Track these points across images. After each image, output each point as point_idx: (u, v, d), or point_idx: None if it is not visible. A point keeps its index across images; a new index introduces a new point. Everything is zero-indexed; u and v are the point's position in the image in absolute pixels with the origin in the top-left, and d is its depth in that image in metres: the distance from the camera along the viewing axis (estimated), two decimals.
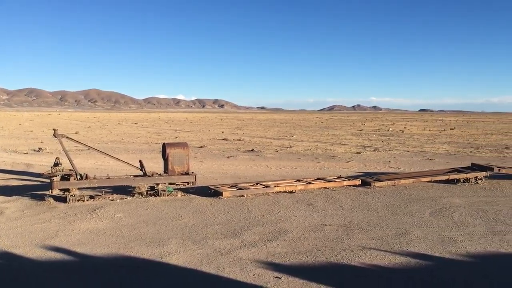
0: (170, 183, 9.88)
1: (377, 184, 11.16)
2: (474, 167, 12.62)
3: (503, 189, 11.04)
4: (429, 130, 44.34)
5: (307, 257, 5.98)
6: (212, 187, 10.22)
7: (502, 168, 12.50)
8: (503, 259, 6.02)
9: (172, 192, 9.83)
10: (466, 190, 10.89)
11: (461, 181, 11.67)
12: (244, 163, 16.09)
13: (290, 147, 23.25)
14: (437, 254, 6.16)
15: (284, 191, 10.33)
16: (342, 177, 11.81)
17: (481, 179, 11.87)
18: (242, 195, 9.86)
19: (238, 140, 28.14)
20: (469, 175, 11.80)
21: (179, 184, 9.99)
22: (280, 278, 5.22)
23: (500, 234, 7.14)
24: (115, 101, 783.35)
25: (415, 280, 5.21)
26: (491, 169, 12.14)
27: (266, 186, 10.36)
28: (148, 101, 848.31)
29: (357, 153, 20.43)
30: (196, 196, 9.81)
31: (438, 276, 5.38)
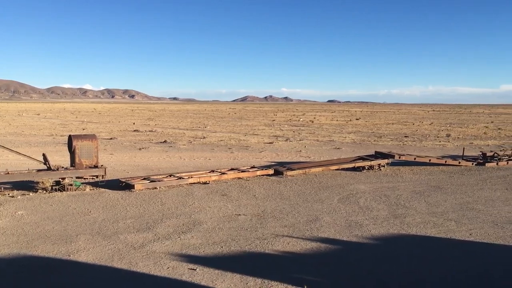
0: (77, 177, 9.40)
1: (289, 173, 11.48)
2: (378, 155, 13.43)
3: (403, 175, 11.88)
4: (337, 120, 46.45)
5: (222, 247, 6.00)
6: (123, 180, 9.87)
7: (402, 155, 13.44)
8: (403, 240, 6.48)
9: (80, 187, 9.37)
10: (370, 176, 11.56)
11: (366, 168, 12.38)
12: (156, 155, 15.75)
13: (204, 138, 23.17)
14: (345, 238, 6.48)
15: (198, 182, 10.26)
16: (256, 167, 11.98)
17: (383, 166, 12.67)
18: (155, 188, 9.65)
19: (150, 131, 27.49)
20: (373, 163, 12.54)
21: (87, 178, 9.53)
22: (195, 269, 5.19)
23: (401, 217, 7.68)
24: (14, 90, 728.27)
25: (325, 264, 5.44)
26: (393, 156, 13.00)
27: (180, 178, 10.23)
28: (51, 90, 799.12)
29: (269, 143, 20.86)
30: (106, 190, 9.43)
31: (345, 258, 5.66)
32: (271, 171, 11.51)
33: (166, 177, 10.41)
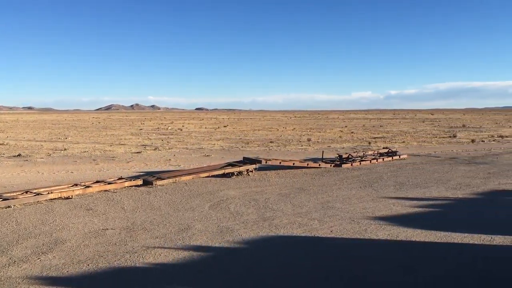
0: None
1: (159, 182, 11.26)
2: (246, 161, 13.83)
3: (270, 179, 12.39)
4: (205, 127, 46.87)
5: (88, 265, 5.64)
6: None
7: (268, 160, 14.03)
8: (273, 241, 6.74)
9: None
10: (240, 182, 11.85)
11: (235, 174, 12.67)
12: (9, 170, 14.29)
13: (65, 149, 21.64)
14: (217, 245, 6.53)
15: (60, 198, 9.54)
16: (123, 178, 11.53)
17: (252, 171, 13.09)
18: (9, 206, 8.72)
19: (0, 144, 24.86)
20: (241, 168, 12.88)
21: None
22: None
23: (269, 219, 7.99)
24: None
25: (198, 272, 5.41)
26: (260, 161, 13.50)
27: (38, 194, 9.40)
28: None
29: (137, 152, 20.25)
30: None
31: (218, 264, 5.70)
32: (140, 182, 11.16)
33: (22, 193, 9.49)
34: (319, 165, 14.62)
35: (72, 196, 9.73)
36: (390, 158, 16.58)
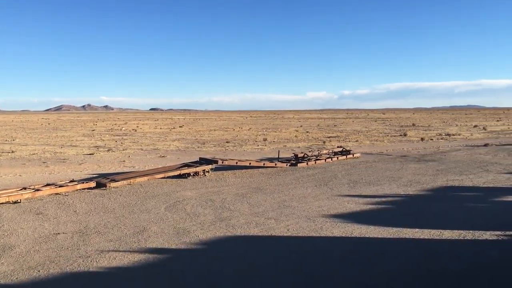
0: None
1: (113, 184, 11.00)
2: (202, 161, 13.75)
3: (227, 179, 12.37)
4: (161, 128, 46.24)
5: (39, 271, 5.44)
6: None
7: (224, 160, 14.00)
8: (230, 241, 6.74)
9: None
10: (196, 183, 11.77)
11: (192, 174, 12.57)
12: None
13: (12, 152, 20.78)
14: (173, 247, 6.46)
15: (8, 202, 9.15)
16: (75, 181, 11.20)
17: (208, 171, 13.03)
18: None
19: None
20: (198, 169, 12.80)
21: None
22: None
23: (226, 220, 7.97)
24: None
25: (154, 274, 5.34)
26: (216, 161, 13.46)
27: None
28: None
29: (90, 154, 19.72)
30: None
31: (174, 266, 5.64)
32: (92, 184, 10.87)
33: None
34: (275, 164, 14.73)
35: (20, 200, 9.35)
36: (344, 157, 16.93)
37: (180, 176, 12.45)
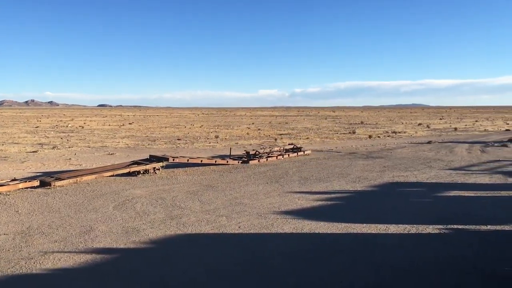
0: None
1: (58, 183, 10.60)
2: (152, 159, 13.50)
3: (178, 177, 12.22)
4: (109, 125, 45.09)
5: None
6: None
7: (175, 157, 13.80)
8: (180, 240, 6.65)
9: None
10: (146, 181, 11.55)
11: (142, 172, 12.32)
12: None
13: None
14: (122, 246, 6.30)
15: None
16: (17, 180, 10.70)
17: (158, 169, 12.81)
18: None
19: None
20: (148, 167, 12.56)
21: None
22: None
23: (177, 218, 7.87)
24: None
25: (102, 275, 5.19)
26: (167, 159, 13.25)
27: None
28: None
29: (33, 152, 18.92)
30: None
31: (123, 266, 5.50)
32: (36, 183, 10.42)
33: None
34: (227, 162, 14.70)
35: None
36: (295, 154, 17.13)
37: (129, 174, 12.17)
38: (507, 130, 37.25)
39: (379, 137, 28.80)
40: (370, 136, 28.60)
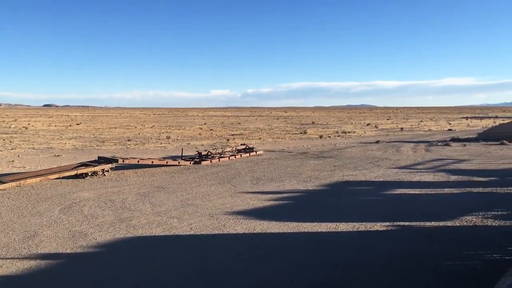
0: None
1: (0, 187, 10.11)
2: (101, 160, 13.13)
3: (128, 178, 11.95)
4: (55, 125, 43.52)
5: None
6: None
7: (125, 159, 13.50)
8: (130, 243, 6.51)
9: None
10: (94, 183, 11.22)
11: (90, 174, 11.96)
12: None
13: None
14: (68, 251, 6.09)
15: None
16: None
17: (107, 171, 12.48)
18: None
19: None
20: (96, 168, 12.20)
21: None
22: None
23: (127, 220, 7.70)
24: None
25: (48, 281, 4.99)
26: (116, 160, 12.93)
27: None
28: None
29: None
30: None
31: (69, 271, 5.32)
32: None
33: None
34: (179, 162, 14.53)
35: None
36: (247, 154, 17.18)
37: (77, 176, 11.78)
38: (449, 129, 39.02)
39: (329, 137, 29.38)
40: (321, 136, 29.13)
